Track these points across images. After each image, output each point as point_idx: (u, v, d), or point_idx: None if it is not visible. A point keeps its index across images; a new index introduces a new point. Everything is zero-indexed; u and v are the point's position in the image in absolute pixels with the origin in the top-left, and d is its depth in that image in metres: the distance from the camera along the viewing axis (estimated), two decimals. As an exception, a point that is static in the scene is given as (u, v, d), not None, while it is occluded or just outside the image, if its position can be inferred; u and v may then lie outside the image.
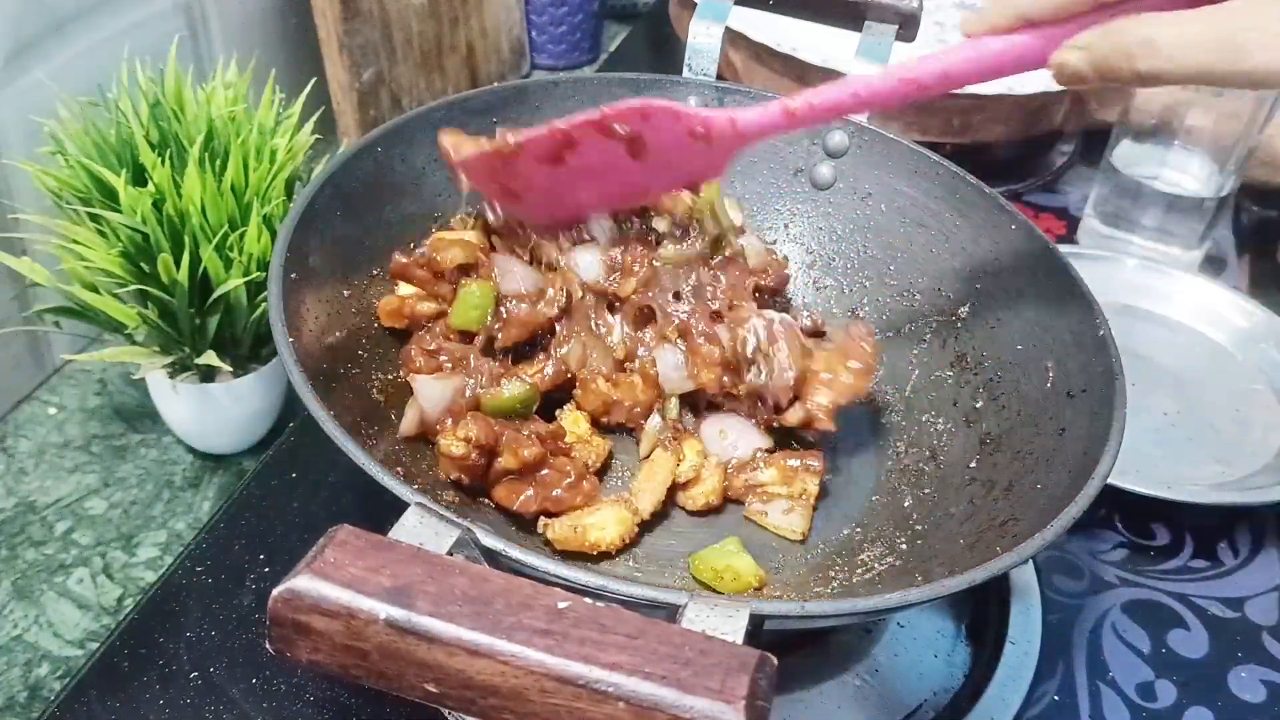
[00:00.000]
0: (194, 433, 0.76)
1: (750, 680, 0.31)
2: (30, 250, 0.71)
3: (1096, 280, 0.64)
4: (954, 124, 1.01)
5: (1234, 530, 0.75)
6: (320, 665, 0.33)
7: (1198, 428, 0.81)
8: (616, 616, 0.33)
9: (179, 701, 0.56)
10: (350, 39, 0.98)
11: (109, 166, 0.67)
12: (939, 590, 0.44)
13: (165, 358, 0.71)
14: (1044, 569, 0.69)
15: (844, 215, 0.74)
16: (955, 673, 0.62)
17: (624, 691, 0.31)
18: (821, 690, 0.60)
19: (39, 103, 0.72)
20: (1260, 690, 0.64)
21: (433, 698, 0.33)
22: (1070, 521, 0.47)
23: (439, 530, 0.39)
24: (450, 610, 0.32)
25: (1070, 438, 0.56)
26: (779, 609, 0.41)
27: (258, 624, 0.60)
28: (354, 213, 0.63)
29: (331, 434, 0.46)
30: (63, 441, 0.77)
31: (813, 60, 0.99)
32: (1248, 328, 0.89)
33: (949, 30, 1.15)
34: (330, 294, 0.61)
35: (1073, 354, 0.59)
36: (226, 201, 0.67)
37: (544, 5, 1.23)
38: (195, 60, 0.90)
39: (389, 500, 0.42)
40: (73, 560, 0.69)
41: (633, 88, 0.75)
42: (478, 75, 1.17)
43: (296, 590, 0.33)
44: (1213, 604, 0.69)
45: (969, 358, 0.67)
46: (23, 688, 0.62)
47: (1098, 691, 0.63)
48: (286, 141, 0.72)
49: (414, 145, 0.67)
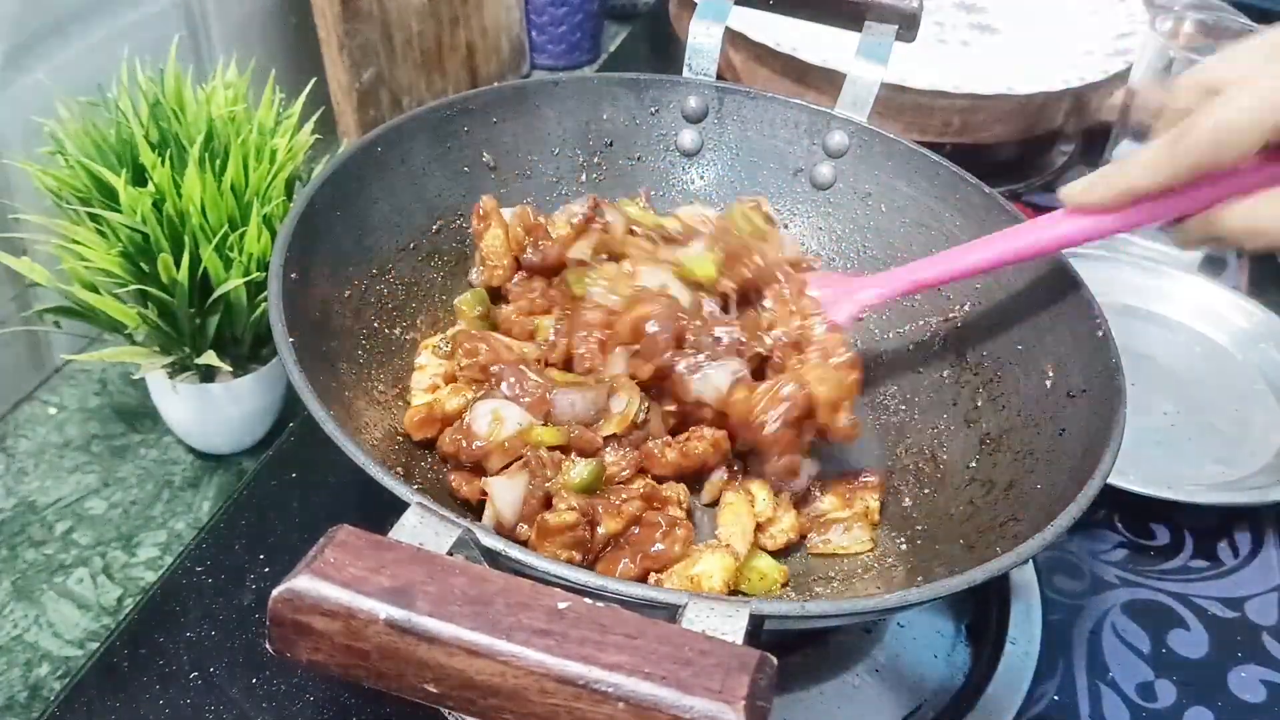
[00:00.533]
0: (194, 433, 0.76)
1: (750, 680, 0.31)
2: (30, 250, 0.71)
3: (1096, 280, 0.64)
4: (954, 124, 1.01)
5: (1234, 530, 0.75)
6: (320, 665, 0.33)
7: (1198, 428, 0.81)
8: (616, 616, 0.33)
9: (179, 701, 0.56)
10: (350, 39, 0.98)
11: (109, 166, 0.67)
12: (939, 590, 0.44)
13: (165, 358, 0.71)
14: (1044, 569, 0.69)
15: (844, 215, 0.74)
16: (955, 673, 0.62)
17: (624, 691, 0.31)
18: (821, 690, 0.60)
19: (39, 103, 0.72)
20: (1260, 690, 0.64)
21: (432, 698, 0.33)
22: (1070, 521, 0.47)
23: (439, 530, 0.39)
24: (450, 610, 0.32)
25: (1070, 438, 0.56)
26: (779, 609, 0.41)
27: (258, 624, 0.60)
28: (354, 212, 0.63)
29: (331, 434, 0.46)
30: (63, 441, 0.77)
31: (813, 60, 0.99)
32: (1248, 328, 0.89)
33: (949, 30, 1.15)
34: (330, 294, 0.60)
35: (1073, 354, 0.59)
36: (226, 201, 0.67)
37: (544, 5, 1.23)
38: (195, 60, 0.90)
39: (389, 500, 0.42)
40: (73, 560, 0.69)
41: (633, 88, 0.75)
42: (478, 75, 1.17)
43: (296, 590, 0.33)
44: (1213, 604, 0.69)
45: (969, 358, 0.67)
46: (23, 688, 0.62)
47: (1098, 691, 0.63)
48: (286, 141, 0.72)
49: (414, 145, 0.67)
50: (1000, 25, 1.17)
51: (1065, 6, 1.17)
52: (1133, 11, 1.14)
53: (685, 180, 0.77)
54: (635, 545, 0.56)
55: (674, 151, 0.77)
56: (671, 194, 0.77)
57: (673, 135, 0.76)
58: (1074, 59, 1.07)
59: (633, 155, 0.76)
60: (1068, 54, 1.08)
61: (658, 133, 0.76)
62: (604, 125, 0.75)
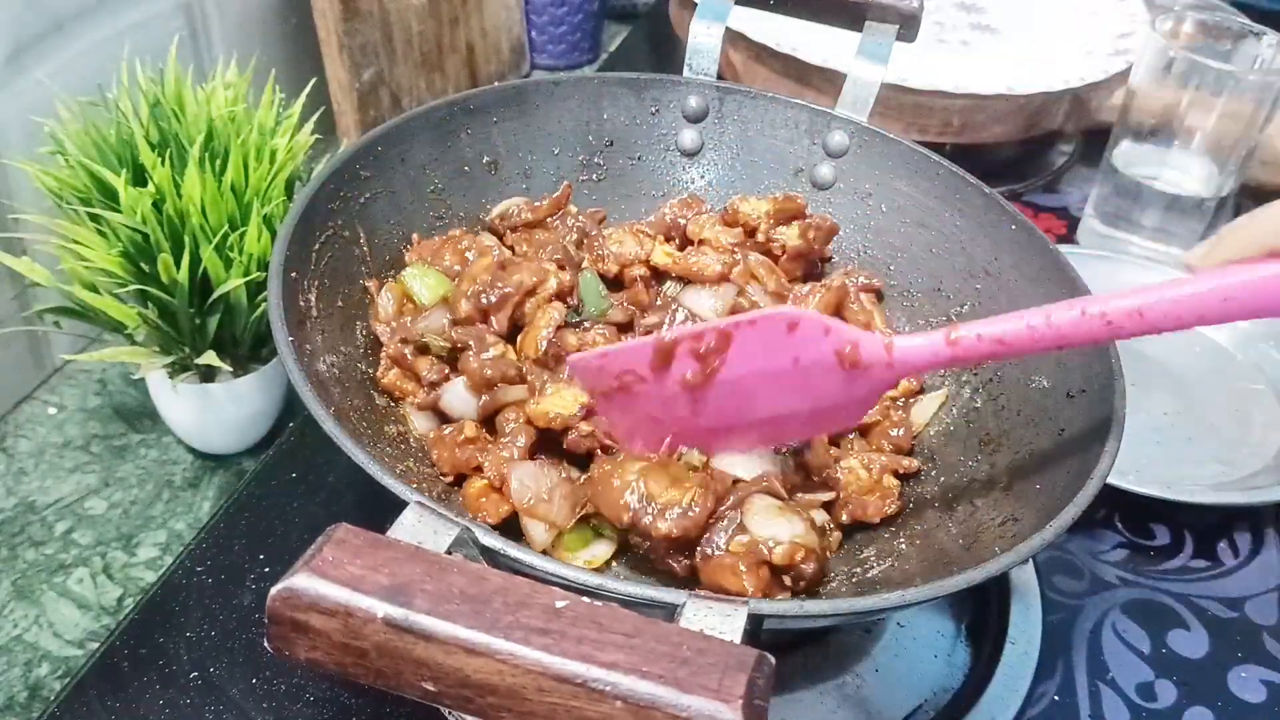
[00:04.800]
0: (194, 433, 0.76)
1: (748, 679, 0.31)
2: (30, 250, 0.71)
3: (1096, 280, 0.64)
4: (954, 124, 1.01)
5: (1234, 530, 0.75)
6: (318, 664, 0.33)
7: (1198, 428, 0.81)
8: (614, 615, 0.33)
9: (179, 701, 0.56)
10: (350, 39, 0.98)
11: (109, 166, 0.67)
12: (939, 590, 0.44)
13: (165, 358, 0.71)
14: (1044, 569, 0.69)
15: (844, 215, 0.74)
16: (955, 673, 0.62)
17: (621, 690, 0.31)
18: (821, 690, 0.60)
19: (39, 103, 0.72)
20: (1260, 690, 0.64)
21: (430, 696, 0.33)
22: (1070, 521, 0.47)
23: (437, 529, 0.39)
24: (448, 609, 0.32)
25: (1070, 438, 0.56)
26: (777, 608, 0.41)
27: (258, 624, 0.60)
28: (353, 212, 0.63)
29: (331, 434, 0.46)
30: (63, 441, 0.77)
31: (813, 60, 0.99)
32: (1248, 328, 0.89)
33: (949, 30, 1.15)
34: (330, 293, 0.60)
35: (1073, 354, 0.59)
36: (226, 201, 0.67)
37: (544, 5, 1.23)
38: (195, 60, 0.91)
39: (389, 500, 0.42)
40: (73, 560, 0.69)
41: (633, 88, 0.75)
42: (478, 75, 1.17)
43: (295, 589, 0.33)
44: (1213, 604, 0.69)
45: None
46: (23, 688, 0.62)
47: (1098, 691, 0.63)
48: (286, 141, 0.72)
49: (414, 145, 0.67)
50: (1000, 25, 1.17)
51: (1065, 6, 1.17)
52: (1133, 11, 1.14)
53: (685, 180, 0.77)
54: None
55: (674, 151, 0.77)
56: (672, 194, 0.77)
57: (673, 135, 0.76)
58: (1074, 59, 1.07)
59: (633, 155, 0.76)
60: (1068, 54, 1.08)
61: (658, 133, 0.76)
62: (604, 125, 0.75)
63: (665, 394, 0.52)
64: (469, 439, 0.59)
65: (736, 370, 0.51)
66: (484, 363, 0.59)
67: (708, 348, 0.50)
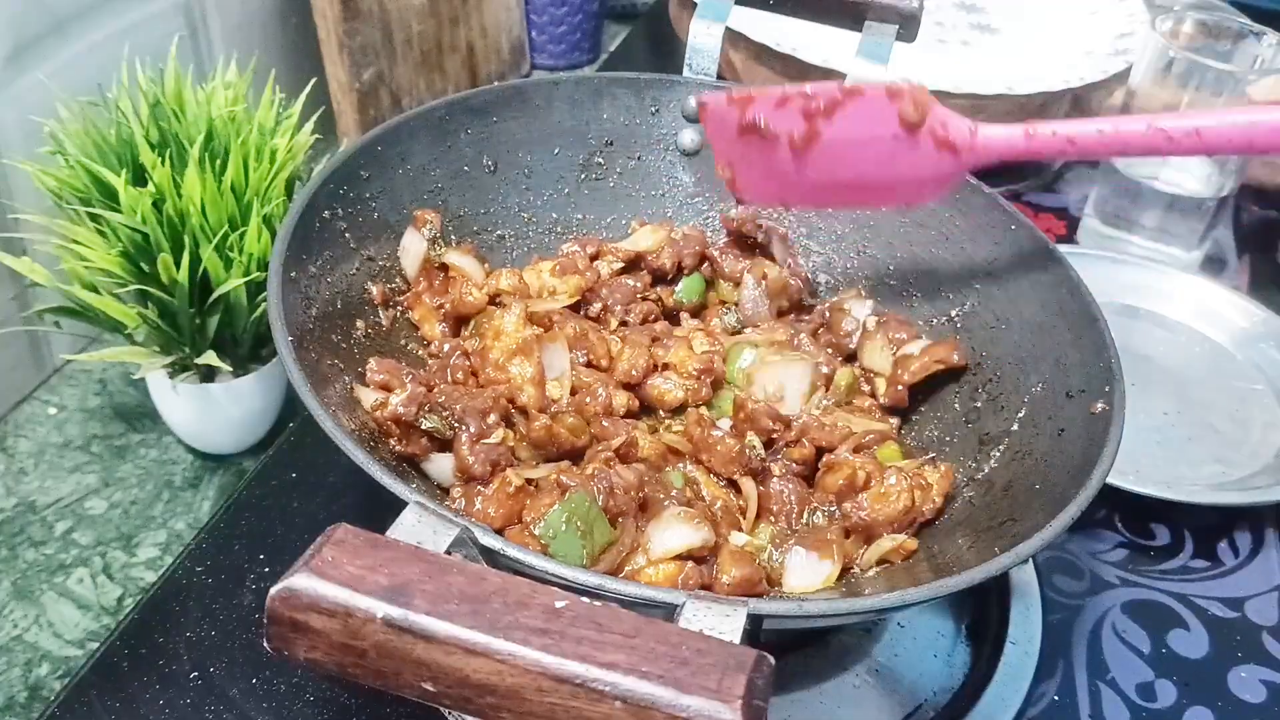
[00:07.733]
0: (194, 433, 0.76)
1: (747, 680, 0.31)
2: (30, 250, 0.71)
3: (1096, 280, 0.64)
4: (954, 124, 1.01)
5: (1234, 530, 0.74)
6: (318, 664, 0.33)
7: (1198, 428, 0.81)
8: (613, 615, 0.33)
9: (179, 701, 0.56)
10: (350, 39, 0.98)
11: (109, 166, 0.67)
12: (939, 590, 0.44)
13: (165, 358, 0.71)
14: (1044, 569, 0.69)
15: (844, 215, 0.74)
16: (955, 673, 0.62)
17: (621, 690, 0.31)
18: (821, 690, 0.60)
19: (39, 103, 0.72)
20: (1260, 690, 0.64)
21: (430, 696, 0.33)
22: (1070, 521, 0.47)
23: (437, 529, 0.39)
24: (447, 609, 0.32)
25: (1070, 438, 0.55)
26: (777, 608, 0.41)
27: (258, 624, 0.60)
28: (353, 212, 0.63)
29: (331, 434, 0.46)
30: (63, 441, 0.77)
31: (813, 60, 0.99)
32: (1248, 328, 0.89)
33: (949, 30, 1.15)
34: (330, 293, 0.60)
35: (1072, 354, 0.59)
36: (226, 201, 0.67)
37: (544, 5, 1.23)
38: (195, 60, 0.91)
39: (389, 500, 0.42)
40: (73, 560, 0.69)
41: (633, 87, 0.75)
42: (478, 75, 1.17)
43: (294, 589, 0.33)
44: (1213, 604, 0.69)
45: (968, 358, 0.66)
46: (23, 688, 0.62)
47: (1098, 691, 0.63)
48: (286, 141, 0.72)
49: (414, 145, 0.67)
50: (1000, 25, 1.17)
51: (1065, 6, 1.17)
52: (1133, 11, 1.14)
53: (685, 180, 0.77)
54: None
55: (674, 151, 0.77)
56: (671, 194, 0.77)
57: (673, 135, 0.76)
58: (1074, 59, 1.07)
59: (633, 155, 0.76)
60: (1068, 54, 1.08)
61: (658, 133, 0.76)
62: (604, 125, 0.75)
63: (777, 154, 0.59)
64: (519, 489, 0.55)
65: (839, 134, 0.58)
66: (476, 450, 0.56)
67: (817, 108, 0.57)
